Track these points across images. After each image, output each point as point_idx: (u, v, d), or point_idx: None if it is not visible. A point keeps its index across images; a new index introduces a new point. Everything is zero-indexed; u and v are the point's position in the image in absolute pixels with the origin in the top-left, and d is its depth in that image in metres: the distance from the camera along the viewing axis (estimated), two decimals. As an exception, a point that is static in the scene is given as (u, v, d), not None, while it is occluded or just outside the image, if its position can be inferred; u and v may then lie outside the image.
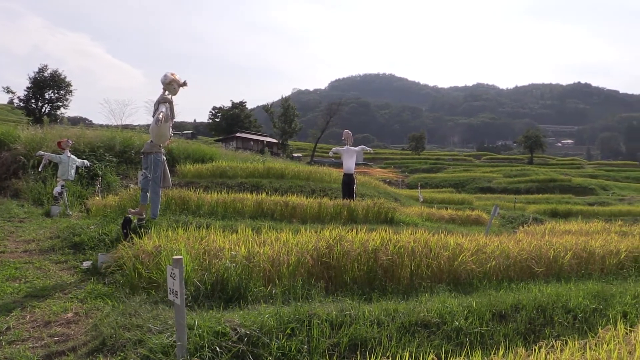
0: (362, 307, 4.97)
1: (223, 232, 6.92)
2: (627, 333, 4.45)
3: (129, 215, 7.72)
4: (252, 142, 68.95)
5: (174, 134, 9.08)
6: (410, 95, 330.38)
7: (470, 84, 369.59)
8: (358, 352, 4.24)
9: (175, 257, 3.70)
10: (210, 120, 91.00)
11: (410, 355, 3.95)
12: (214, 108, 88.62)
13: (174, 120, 8.39)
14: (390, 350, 4.27)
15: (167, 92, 8.02)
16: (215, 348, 3.81)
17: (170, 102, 8.11)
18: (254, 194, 11.75)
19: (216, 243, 6.05)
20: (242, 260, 5.53)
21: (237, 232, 7.05)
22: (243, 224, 8.50)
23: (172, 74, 7.98)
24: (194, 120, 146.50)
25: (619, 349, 3.78)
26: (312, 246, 6.27)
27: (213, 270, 5.32)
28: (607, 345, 3.97)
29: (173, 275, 3.59)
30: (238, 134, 71.69)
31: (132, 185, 13.49)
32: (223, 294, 5.18)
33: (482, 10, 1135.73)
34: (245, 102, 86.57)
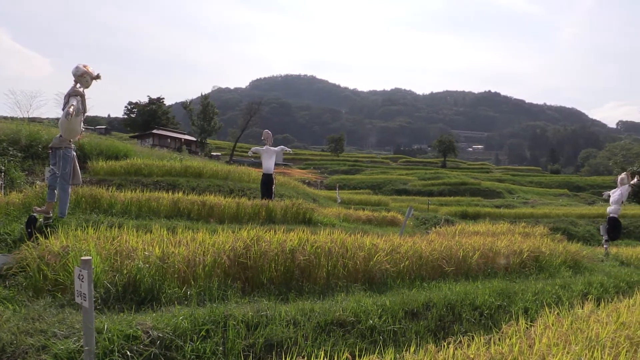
0: (279, 308, 4.98)
1: (136, 232, 6.71)
2: (527, 328, 4.75)
3: (34, 214, 7.32)
4: (169, 140, 66.95)
5: (85, 128, 8.68)
6: (331, 97, 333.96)
7: (388, 88, 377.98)
8: (274, 353, 4.25)
9: (83, 257, 3.54)
10: (126, 116, 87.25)
11: (326, 354, 4.01)
12: (130, 103, 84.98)
13: (86, 114, 8.07)
14: (305, 350, 4.31)
15: (78, 85, 7.76)
16: (126, 352, 3.69)
17: (82, 95, 7.82)
18: (170, 193, 11.46)
19: (129, 243, 5.86)
20: (156, 261, 5.39)
21: (151, 232, 6.86)
22: (158, 224, 8.27)
23: (85, 66, 7.74)
24: (108, 115, 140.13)
25: (520, 343, 4.02)
26: (229, 246, 6.20)
27: (125, 272, 5.15)
28: (510, 340, 4.22)
29: (81, 277, 3.44)
30: (155, 131, 69.28)
31: (38, 182, 12.75)
32: (135, 296, 5.03)
33: (401, 20, 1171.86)
34: (163, 98, 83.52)
